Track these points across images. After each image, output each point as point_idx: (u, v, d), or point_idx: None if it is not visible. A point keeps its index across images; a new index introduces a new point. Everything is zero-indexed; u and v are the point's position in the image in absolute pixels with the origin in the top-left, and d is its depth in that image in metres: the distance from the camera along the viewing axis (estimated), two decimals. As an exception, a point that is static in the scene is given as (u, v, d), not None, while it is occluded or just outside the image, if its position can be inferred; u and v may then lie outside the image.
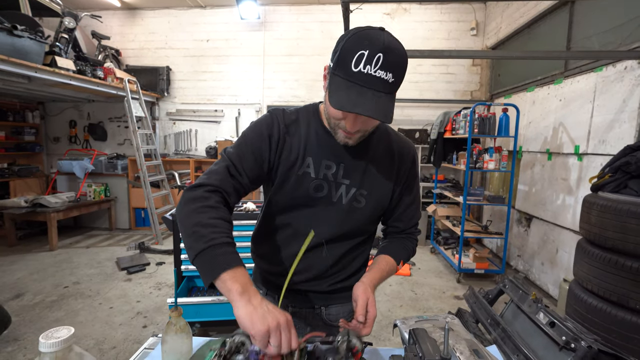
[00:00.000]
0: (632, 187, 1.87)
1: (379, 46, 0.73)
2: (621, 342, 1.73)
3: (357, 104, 0.74)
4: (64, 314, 2.91)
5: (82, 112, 5.95)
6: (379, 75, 0.74)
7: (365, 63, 0.73)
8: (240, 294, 0.69)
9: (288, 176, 0.94)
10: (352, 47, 0.74)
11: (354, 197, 0.96)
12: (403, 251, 1.04)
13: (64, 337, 0.53)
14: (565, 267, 3.23)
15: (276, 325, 0.66)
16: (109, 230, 5.59)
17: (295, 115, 0.97)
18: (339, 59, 0.77)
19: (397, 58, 0.75)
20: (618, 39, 2.89)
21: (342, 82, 0.77)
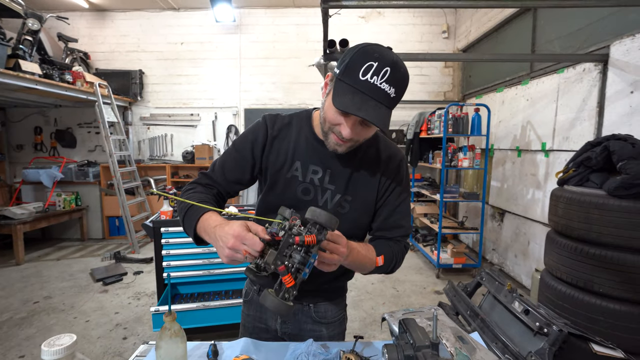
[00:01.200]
0: (593, 180, 2.02)
1: (387, 61, 0.77)
2: (587, 324, 1.86)
3: (361, 108, 0.78)
4: (35, 331, 2.76)
5: (48, 118, 5.67)
6: (384, 88, 0.78)
7: (373, 74, 0.77)
8: (208, 235, 0.84)
9: (277, 178, 0.99)
10: (363, 57, 0.78)
11: (338, 203, 0.98)
12: (387, 248, 0.99)
13: (66, 344, 0.53)
14: (536, 258, 3.41)
15: (232, 244, 0.74)
16: (81, 240, 5.35)
17: (288, 120, 1.02)
18: (348, 66, 0.80)
19: (401, 76, 0.80)
20: (577, 42, 3.10)
21: (348, 88, 0.80)
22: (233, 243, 0.74)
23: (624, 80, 2.47)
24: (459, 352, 0.89)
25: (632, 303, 1.78)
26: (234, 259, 0.76)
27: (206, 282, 2.45)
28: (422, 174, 5.70)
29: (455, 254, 4.05)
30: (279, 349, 1.00)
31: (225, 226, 0.78)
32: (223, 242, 0.76)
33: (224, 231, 0.77)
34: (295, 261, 0.69)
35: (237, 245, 0.74)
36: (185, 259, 2.32)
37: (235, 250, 0.74)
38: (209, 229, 0.84)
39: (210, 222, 0.85)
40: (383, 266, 0.96)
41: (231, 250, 0.75)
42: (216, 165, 1.02)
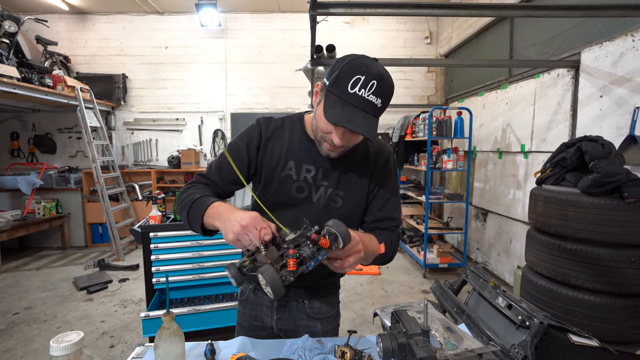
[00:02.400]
0: (568, 180, 2.13)
1: (374, 74, 0.83)
2: (565, 316, 1.96)
3: (350, 121, 0.84)
4: (16, 343, 2.68)
5: (25, 123, 5.51)
6: (371, 99, 0.84)
7: (361, 87, 0.82)
8: (218, 220, 0.86)
9: (272, 178, 1.03)
10: (351, 70, 0.84)
11: (330, 197, 1.03)
12: (383, 236, 1.02)
13: (75, 340, 0.55)
14: (518, 256, 3.54)
15: (240, 231, 0.77)
16: (62, 249, 5.19)
17: (281, 122, 1.07)
18: (337, 79, 0.85)
19: (387, 87, 0.86)
20: (551, 49, 3.26)
21: (338, 100, 0.85)
22: (248, 223, 0.77)
23: (594, 85, 2.61)
24: (448, 341, 0.94)
25: (605, 294, 1.88)
26: (241, 238, 0.78)
27: (196, 287, 2.44)
28: (408, 176, 5.81)
29: (441, 254, 4.14)
30: (275, 345, 1.03)
31: (242, 212, 0.82)
32: (237, 221, 0.78)
33: (243, 214, 0.80)
34: (304, 253, 0.75)
35: (251, 225, 0.76)
36: (174, 264, 2.31)
37: (247, 230, 0.76)
38: (222, 213, 0.85)
39: (221, 208, 0.87)
40: (384, 254, 1.00)
41: (243, 229, 0.77)
42: (212, 167, 1.06)
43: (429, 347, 0.70)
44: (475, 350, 0.89)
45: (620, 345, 1.85)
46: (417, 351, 0.69)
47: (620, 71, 2.40)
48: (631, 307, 1.86)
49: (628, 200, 1.80)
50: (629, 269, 1.83)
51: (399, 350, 0.73)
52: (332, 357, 0.93)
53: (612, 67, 2.46)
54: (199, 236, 2.34)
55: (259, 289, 1.14)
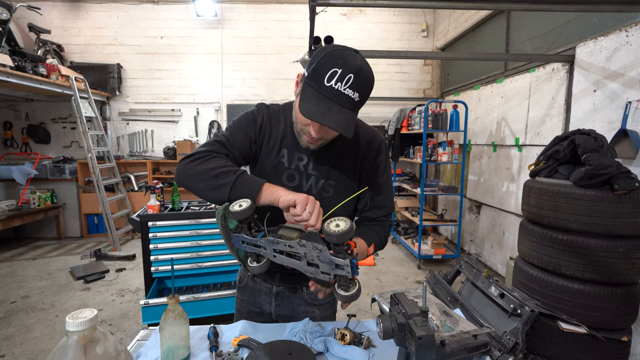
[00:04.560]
0: (561, 172, 2.17)
1: (351, 67, 0.81)
2: (556, 304, 2.02)
3: (324, 115, 0.83)
4: (14, 330, 2.69)
5: (19, 112, 5.43)
6: (347, 93, 0.82)
7: (337, 80, 0.81)
8: (282, 189, 0.89)
9: (265, 163, 1.05)
10: (328, 63, 0.82)
11: (322, 187, 1.04)
12: (374, 235, 1.07)
13: (89, 317, 0.57)
14: (511, 247, 3.61)
15: (306, 198, 0.83)
16: (58, 239, 5.18)
17: (278, 109, 1.08)
18: (314, 71, 0.84)
19: (365, 81, 0.84)
20: (546, 44, 3.29)
21: (314, 93, 0.85)
22: (309, 203, 0.83)
23: (588, 80, 2.65)
24: (444, 324, 0.98)
25: (594, 283, 1.94)
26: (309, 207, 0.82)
27: (194, 276, 2.47)
28: (403, 168, 5.86)
29: (435, 246, 4.21)
30: (276, 329, 1.06)
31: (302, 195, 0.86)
32: (302, 195, 0.84)
33: (305, 195, 0.85)
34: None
35: (309, 204, 0.82)
36: (173, 253, 2.33)
37: (304, 205, 0.82)
38: (280, 189, 0.89)
39: (275, 188, 0.90)
40: (374, 252, 1.05)
41: (302, 203, 0.82)
42: (224, 136, 1.01)
43: (428, 326, 0.73)
44: (470, 331, 0.93)
45: (607, 332, 1.91)
46: (416, 330, 0.72)
47: (613, 66, 2.44)
48: (618, 295, 1.92)
49: (618, 192, 1.85)
50: (617, 259, 1.88)
51: (398, 330, 0.77)
52: (333, 339, 0.96)
53: (606, 62, 2.50)
54: (197, 225, 2.37)
55: (259, 277, 1.16)
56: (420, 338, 0.70)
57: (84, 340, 0.57)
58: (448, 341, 0.86)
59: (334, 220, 0.78)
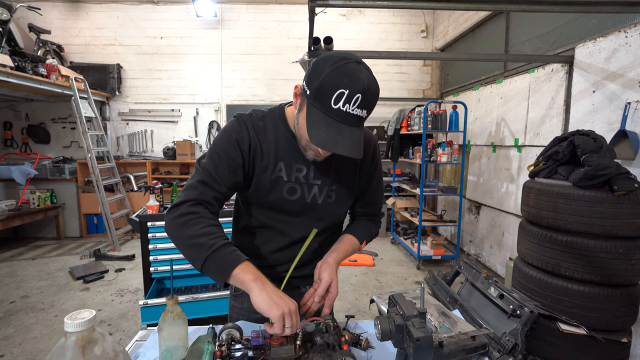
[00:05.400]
0: (560, 173, 2.18)
1: (359, 87, 0.77)
2: (555, 305, 2.02)
3: (337, 142, 0.81)
4: (14, 331, 2.69)
5: (18, 112, 5.44)
6: (356, 113, 0.80)
7: (345, 101, 0.78)
8: (254, 281, 0.82)
9: (262, 181, 0.99)
10: (333, 84, 0.78)
11: (327, 195, 1.03)
12: (366, 231, 1.14)
13: (88, 317, 0.57)
14: (510, 248, 3.61)
15: (289, 311, 0.80)
16: (57, 239, 5.18)
17: (262, 122, 0.99)
18: (319, 93, 0.79)
19: (372, 97, 0.81)
20: (546, 44, 3.29)
21: (322, 117, 0.81)
22: (286, 319, 0.80)
23: (587, 81, 2.65)
24: (442, 325, 0.98)
25: (594, 284, 1.94)
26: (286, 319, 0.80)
27: (193, 276, 2.47)
28: (403, 169, 5.86)
29: (434, 246, 4.21)
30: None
31: (280, 297, 0.83)
32: (286, 304, 0.81)
33: (285, 297, 0.84)
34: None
35: (286, 321, 0.80)
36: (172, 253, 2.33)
37: (281, 326, 0.80)
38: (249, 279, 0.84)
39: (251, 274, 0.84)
40: (366, 246, 1.08)
41: (279, 324, 0.79)
42: (208, 171, 0.93)
43: (426, 327, 0.73)
44: (468, 333, 0.93)
45: (606, 333, 1.91)
46: (414, 332, 0.72)
47: (613, 67, 2.44)
48: (618, 296, 1.92)
49: (617, 193, 1.85)
50: (616, 260, 1.88)
51: (396, 331, 0.77)
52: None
53: (605, 62, 2.50)
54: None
55: None
56: (418, 339, 0.71)
57: (82, 341, 0.57)
58: (446, 342, 0.86)
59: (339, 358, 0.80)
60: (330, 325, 0.92)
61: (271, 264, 1.09)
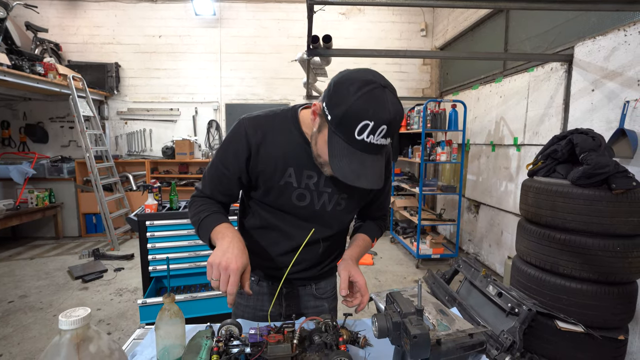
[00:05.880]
0: (559, 171, 2.17)
1: (385, 118, 0.73)
2: (553, 303, 2.02)
3: (360, 175, 0.78)
4: (12, 330, 2.69)
5: (16, 111, 5.42)
6: (380, 143, 0.77)
7: (369, 133, 0.74)
8: (220, 240, 0.87)
9: (270, 185, 0.98)
10: (358, 114, 0.73)
11: (337, 203, 1.02)
12: (377, 230, 1.17)
13: (82, 315, 0.57)
14: (509, 247, 3.62)
15: (220, 265, 0.79)
16: (56, 239, 5.17)
17: (271, 122, 0.96)
18: (342, 122, 0.76)
19: (397, 125, 0.77)
20: (545, 43, 3.29)
21: (344, 146, 0.78)
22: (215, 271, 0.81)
23: (586, 79, 2.65)
24: (440, 323, 0.98)
25: (592, 282, 1.94)
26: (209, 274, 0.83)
27: (192, 275, 2.47)
28: (402, 168, 5.86)
29: (433, 245, 4.21)
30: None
31: (229, 253, 0.82)
32: (214, 256, 0.82)
33: (222, 254, 0.82)
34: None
35: (215, 273, 0.81)
36: (171, 252, 2.33)
37: (210, 273, 0.82)
38: (219, 237, 0.89)
39: (221, 233, 0.90)
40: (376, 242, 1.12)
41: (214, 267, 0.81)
42: (206, 180, 1.02)
43: (423, 325, 0.73)
44: (466, 330, 0.93)
45: (604, 331, 1.92)
46: (411, 329, 0.71)
47: (612, 65, 2.44)
48: (615, 294, 1.92)
49: (616, 192, 1.85)
50: (614, 258, 1.88)
51: (393, 328, 0.76)
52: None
53: (604, 61, 2.50)
54: (196, 225, 2.36)
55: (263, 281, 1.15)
56: (415, 337, 0.70)
57: (77, 339, 0.56)
58: (444, 340, 0.85)
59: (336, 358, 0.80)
60: (329, 324, 0.91)
61: (279, 266, 1.08)
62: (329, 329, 0.90)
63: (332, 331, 0.89)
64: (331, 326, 0.91)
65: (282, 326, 0.90)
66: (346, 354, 0.80)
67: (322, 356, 0.84)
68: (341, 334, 0.90)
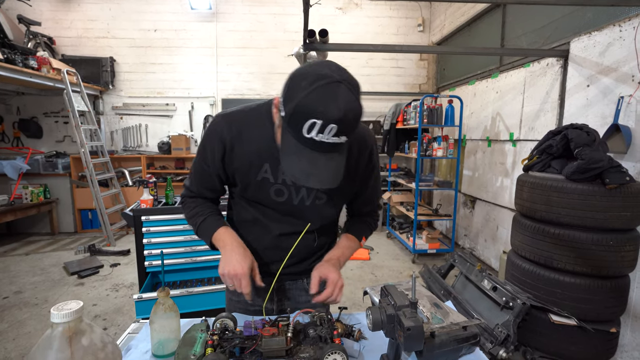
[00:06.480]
0: (554, 167, 2.19)
1: (333, 116, 0.68)
2: (547, 297, 2.04)
3: (310, 174, 0.75)
4: (7, 326, 2.68)
5: (9, 106, 5.35)
6: (332, 141, 0.72)
7: (318, 132, 0.70)
8: (222, 248, 0.96)
9: (248, 182, 0.97)
10: (305, 111, 0.69)
11: (316, 197, 0.99)
12: (365, 227, 1.15)
13: (75, 308, 0.57)
14: (504, 242, 3.64)
15: (230, 274, 0.90)
16: (51, 234, 5.14)
17: (246, 118, 0.94)
18: (292, 119, 0.72)
19: (350, 124, 0.72)
20: (541, 38, 3.29)
21: (294, 143, 0.75)
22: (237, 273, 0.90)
23: (581, 75, 2.66)
24: (434, 316, 0.98)
25: (585, 276, 1.96)
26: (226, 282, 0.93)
27: (189, 270, 2.46)
28: (398, 163, 5.87)
29: (429, 240, 4.23)
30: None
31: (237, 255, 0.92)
32: (222, 267, 0.92)
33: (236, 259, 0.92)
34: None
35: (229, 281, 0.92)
36: (167, 247, 2.32)
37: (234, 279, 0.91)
38: (223, 247, 0.97)
39: (224, 238, 0.97)
40: (366, 241, 1.10)
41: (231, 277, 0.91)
42: (192, 177, 1.05)
43: (417, 317, 0.73)
44: (460, 323, 0.94)
45: (596, 324, 1.94)
46: (404, 321, 0.72)
47: (607, 61, 2.45)
48: (608, 288, 1.95)
49: (609, 186, 1.86)
50: (607, 252, 1.90)
51: (387, 321, 0.77)
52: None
53: (600, 56, 2.51)
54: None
55: None
56: (409, 329, 0.71)
57: (69, 332, 0.56)
58: (438, 332, 0.86)
59: (331, 354, 0.79)
60: (324, 318, 0.92)
61: (265, 261, 1.08)
62: (324, 323, 0.90)
63: (327, 324, 0.90)
64: (326, 319, 0.91)
65: (277, 319, 0.91)
66: (340, 347, 0.81)
67: (317, 349, 0.85)
68: (336, 327, 0.90)
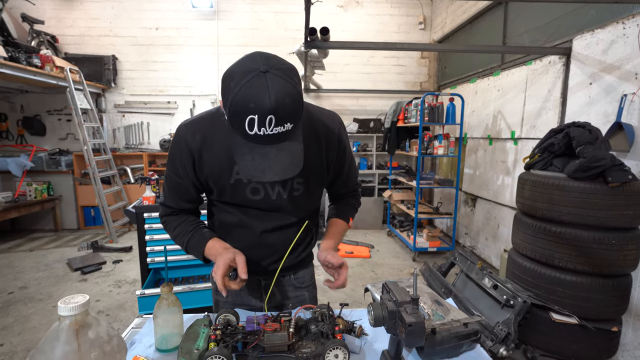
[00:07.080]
0: (556, 165, 2.19)
1: (266, 109, 0.69)
2: (548, 295, 2.05)
3: (264, 169, 0.76)
4: (12, 320, 2.71)
5: (13, 104, 5.38)
6: (277, 132, 0.72)
7: (259, 126, 0.71)
8: (214, 257, 0.96)
9: (222, 186, 0.97)
10: (240, 111, 0.71)
11: (292, 189, 0.99)
12: (350, 208, 1.17)
13: (81, 301, 0.58)
14: (505, 240, 3.64)
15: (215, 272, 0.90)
16: (55, 231, 5.18)
17: (209, 123, 0.94)
18: (232, 120, 0.73)
19: (289, 110, 0.72)
20: (543, 36, 3.28)
21: (243, 142, 0.76)
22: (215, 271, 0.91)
23: (584, 73, 2.65)
24: (435, 313, 0.99)
25: (586, 274, 1.96)
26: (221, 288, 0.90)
27: (190, 267, 2.48)
28: (399, 161, 5.87)
29: (430, 238, 4.24)
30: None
31: (220, 255, 0.93)
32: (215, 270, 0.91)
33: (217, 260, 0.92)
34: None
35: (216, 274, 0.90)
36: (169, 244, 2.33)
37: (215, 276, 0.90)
38: (213, 258, 0.99)
39: (212, 255, 0.99)
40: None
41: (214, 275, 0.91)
42: (166, 192, 1.05)
43: (418, 313, 0.74)
44: (460, 320, 0.95)
45: (597, 322, 1.95)
46: (406, 317, 0.73)
47: (610, 59, 2.44)
48: (609, 286, 1.95)
49: (612, 185, 1.86)
50: (609, 251, 1.90)
51: (389, 317, 0.78)
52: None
53: (603, 54, 2.50)
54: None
55: None
56: (410, 325, 0.71)
57: (76, 325, 0.57)
58: (439, 329, 0.87)
59: (333, 350, 0.80)
60: (326, 314, 0.93)
61: (254, 260, 1.06)
62: (326, 318, 0.91)
63: (329, 320, 0.91)
64: (327, 315, 0.92)
65: (279, 315, 0.92)
66: (342, 343, 0.82)
67: (319, 345, 0.86)
68: (337, 323, 0.91)
